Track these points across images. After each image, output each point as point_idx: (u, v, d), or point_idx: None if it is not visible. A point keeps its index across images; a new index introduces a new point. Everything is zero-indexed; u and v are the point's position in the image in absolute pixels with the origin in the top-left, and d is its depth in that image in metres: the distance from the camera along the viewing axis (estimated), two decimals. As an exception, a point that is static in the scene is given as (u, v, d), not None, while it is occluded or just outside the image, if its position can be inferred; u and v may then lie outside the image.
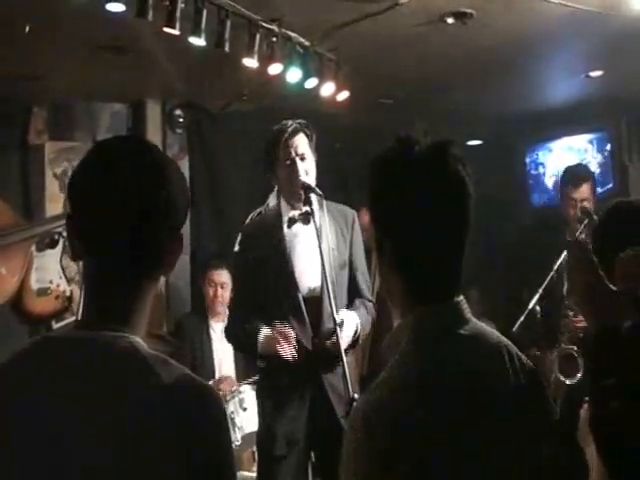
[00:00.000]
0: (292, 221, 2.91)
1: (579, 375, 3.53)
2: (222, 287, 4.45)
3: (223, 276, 4.47)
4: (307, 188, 2.83)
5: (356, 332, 2.84)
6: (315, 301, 2.89)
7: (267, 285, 2.87)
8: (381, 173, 1.33)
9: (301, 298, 2.87)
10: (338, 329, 2.69)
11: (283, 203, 2.96)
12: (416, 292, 1.31)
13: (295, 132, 2.85)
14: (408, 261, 1.30)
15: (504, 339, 1.39)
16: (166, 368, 1.15)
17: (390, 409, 1.20)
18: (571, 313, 3.68)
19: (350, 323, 2.82)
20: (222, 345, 4.42)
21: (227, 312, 4.24)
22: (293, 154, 2.84)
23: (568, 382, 3.54)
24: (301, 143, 2.87)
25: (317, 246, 2.79)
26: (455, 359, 1.27)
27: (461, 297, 1.33)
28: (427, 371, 1.25)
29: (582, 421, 1.91)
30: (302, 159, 2.85)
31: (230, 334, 3.07)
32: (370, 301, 3.09)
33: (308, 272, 2.91)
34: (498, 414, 1.28)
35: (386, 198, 1.31)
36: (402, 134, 1.33)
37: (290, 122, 2.87)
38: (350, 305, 2.96)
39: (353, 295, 3.00)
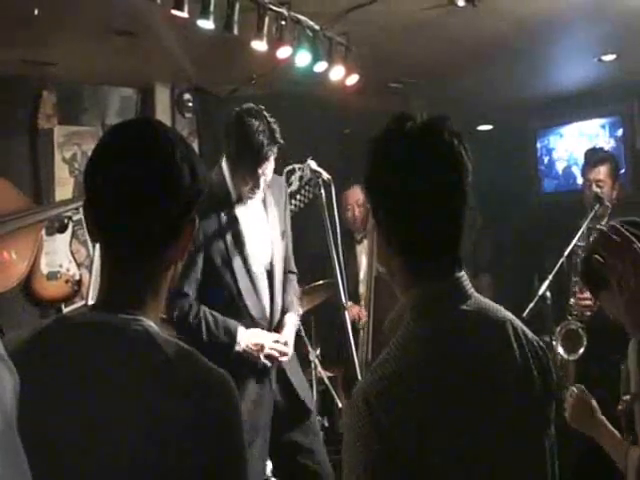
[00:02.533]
0: (240, 198, 2.91)
1: (581, 351, 3.55)
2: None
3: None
4: (316, 172, 2.85)
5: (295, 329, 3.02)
6: (268, 276, 2.94)
7: (219, 261, 2.84)
8: (377, 150, 1.32)
9: (255, 275, 2.89)
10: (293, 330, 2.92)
11: (231, 182, 2.92)
12: (416, 269, 1.30)
13: (273, 153, 2.81)
14: (406, 238, 1.29)
15: (509, 314, 1.37)
16: (178, 352, 1.16)
17: (392, 389, 1.19)
18: (578, 290, 3.70)
19: (291, 328, 2.97)
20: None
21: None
22: (269, 170, 2.84)
23: (570, 358, 3.57)
24: (271, 164, 2.84)
25: (265, 224, 2.90)
26: (458, 335, 1.27)
27: (462, 273, 1.31)
28: (429, 349, 1.24)
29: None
30: (268, 174, 2.86)
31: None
32: (294, 272, 3.17)
33: (259, 250, 2.94)
34: (502, 389, 1.27)
35: (382, 175, 1.31)
36: (397, 112, 1.32)
37: (277, 137, 2.79)
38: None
39: (286, 263, 3.06)
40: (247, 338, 2.83)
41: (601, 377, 3.07)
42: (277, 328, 2.97)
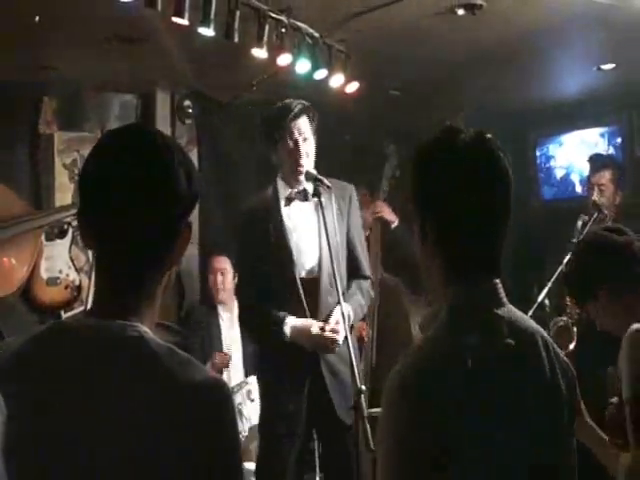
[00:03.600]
0: (289, 200, 2.93)
1: (572, 346, 3.59)
2: (222, 274, 4.47)
3: (222, 262, 4.48)
4: (315, 179, 2.83)
5: (350, 322, 2.85)
6: (313, 282, 2.91)
7: (264, 269, 2.87)
8: (429, 156, 1.39)
9: (298, 279, 2.88)
10: (341, 317, 2.73)
11: (280, 182, 2.96)
12: (456, 270, 1.35)
13: (300, 113, 2.87)
14: (452, 245, 1.34)
15: (539, 327, 1.41)
16: (173, 358, 1.16)
17: (428, 375, 1.24)
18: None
19: (337, 315, 2.84)
20: (230, 334, 4.44)
21: (234, 299, 4.25)
22: (297, 135, 2.85)
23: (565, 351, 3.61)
24: (304, 125, 2.89)
25: (319, 227, 2.86)
26: (491, 337, 1.30)
27: (499, 280, 1.37)
28: (463, 344, 1.27)
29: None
30: (304, 140, 2.87)
31: (247, 320, 3.05)
32: (367, 277, 3.12)
33: (306, 252, 2.93)
34: (531, 394, 1.31)
35: (435, 178, 1.36)
36: (447, 125, 1.40)
37: (295, 102, 2.88)
38: (348, 285, 2.98)
39: (353, 272, 3.02)
40: (291, 326, 2.84)
41: (589, 380, 3.09)
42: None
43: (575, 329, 3.65)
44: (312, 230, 2.95)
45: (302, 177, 2.88)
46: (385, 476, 1.23)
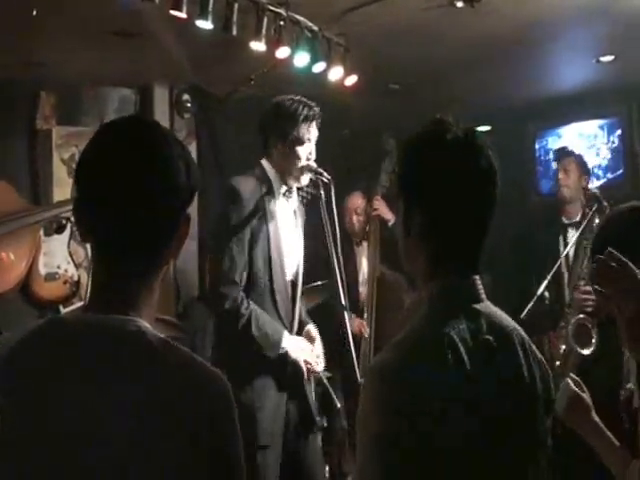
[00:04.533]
0: (283, 195, 2.93)
1: (593, 344, 3.57)
2: None
3: None
4: (315, 172, 2.84)
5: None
6: (293, 286, 2.96)
7: (259, 263, 2.83)
8: (418, 148, 1.40)
9: (288, 282, 2.92)
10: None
11: (274, 175, 2.92)
12: (439, 264, 1.36)
13: (319, 117, 2.89)
14: (437, 238, 1.36)
15: (515, 323, 1.43)
16: (173, 352, 1.15)
17: (408, 366, 1.24)
18: (581, 283, 3.71)
19: (319, 341, 2.96)
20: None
21: None
22: (312, 137, 2.87)
23: (585, 352, 3.60)
24: (315, 129, 2.91)
25: (295, 234, 2.91)
26: (470, 330, 1.31)
27: (477, 276, 1.39)
28: (443, 337, 1.28)
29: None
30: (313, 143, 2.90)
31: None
32: None
33: (292, 257, 2.95)
34: (506, 391, 1.32)
35: (422, 171, 1.37)
36: (437, 117, 1.40)
37: (313, 104, 2.88)
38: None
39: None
40: (292, 344, 2.84)
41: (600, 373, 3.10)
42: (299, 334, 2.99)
43: (596, 334, 3.63)
44: (295, 237, 2.99)
45: (304, 179, 2.89)
46: (363, 457, 1.23)
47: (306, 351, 2.89)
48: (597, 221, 3.68)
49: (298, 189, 2.96)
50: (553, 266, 3.75)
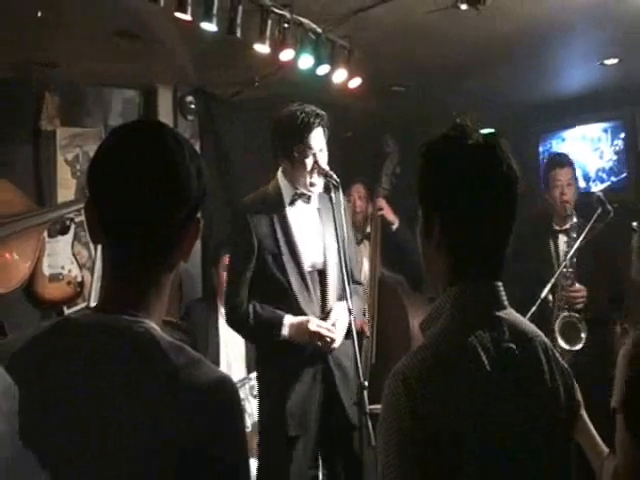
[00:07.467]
0: (293, 201, 2.96)
1: (581, 342, 3.61)
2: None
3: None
4: (325, 175, 2.87)
5: (350, 322, 2.85)
6: (320, 276, 2.96)
7: (270, 258, 2.89)
8: (439, 154, 1.39)
9: (307, 273, 2.92)
10: (341, 315, 2.81)
11: (285, 183, 2.98)
12: (461, 270, 1.36)
13: (317, 126, 2.89)
14: (458, 244, 1.35)
15: (539, 331, 1.43)
16: (180, 355, 1.15)
17: (431, 372, 1.25)
18: (568, 282, 3.74)
19: (343, 315, 2.87)
20: (229, 331, 4.44)
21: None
22: (315, 149, 2.89)
23: (572, 349, 3.64)
24: (320, 136, 2.93)
25: (322, 231, 2.94)
26: (493, 338, 1.31)
27: (500, 283, 1.39)
28: (465, 345, 1.28)
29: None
30: (320, 151, 2.92)
31: (236, 321, 3.00)
32: (360, 283, 3.20)
33: (311, 250, 2.96)
34: (529, 398, 1.32)
35: (443, 177, 1.36)
36: (457, 122, 1.41)
37: (309, 111, 2.89)
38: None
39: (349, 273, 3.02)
40: (292, 320, 2.86)
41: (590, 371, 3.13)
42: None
43: (584, 328, 3.66)
44: (315, 232, 2.99)
45: (318, 183, 2.92)
46: (385, 462, 1.24)
47: (311, 323, 2.84)
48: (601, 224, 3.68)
49: (327, 181, 2.94)
50: (548, 271, 3.76)
